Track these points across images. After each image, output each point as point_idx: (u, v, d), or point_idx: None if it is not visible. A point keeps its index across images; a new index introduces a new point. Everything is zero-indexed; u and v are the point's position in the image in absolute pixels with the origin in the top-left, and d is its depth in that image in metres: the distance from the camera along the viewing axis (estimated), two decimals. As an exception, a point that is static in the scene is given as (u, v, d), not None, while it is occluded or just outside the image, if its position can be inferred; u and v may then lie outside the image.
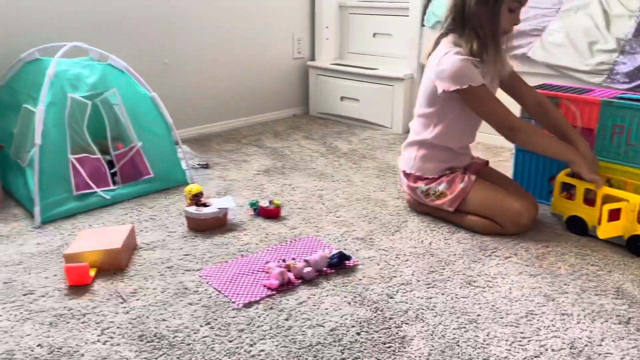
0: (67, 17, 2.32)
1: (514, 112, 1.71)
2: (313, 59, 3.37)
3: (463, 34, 1.67)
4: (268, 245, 1.65)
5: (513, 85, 1.81)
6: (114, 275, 1.47)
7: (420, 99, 1.79)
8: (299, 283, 1.43)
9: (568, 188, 1.71)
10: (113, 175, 1.97)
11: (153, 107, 2.06)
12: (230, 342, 1.20)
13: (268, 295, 1.37)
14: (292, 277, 1.43)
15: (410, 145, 1.83)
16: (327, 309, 1.32)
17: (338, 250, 1.53)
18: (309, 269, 1.44)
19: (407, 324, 1.26)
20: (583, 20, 2.27)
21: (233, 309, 1.32)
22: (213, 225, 1.74)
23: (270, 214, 1.84)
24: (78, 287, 1.41)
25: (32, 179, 1.78)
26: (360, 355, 1.15)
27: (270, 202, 1.84)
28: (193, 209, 1.74)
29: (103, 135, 1.97)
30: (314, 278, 1.45)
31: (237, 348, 1.17)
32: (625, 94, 1.80)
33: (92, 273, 1.45)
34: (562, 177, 1.72)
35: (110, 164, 1.97)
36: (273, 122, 3.19)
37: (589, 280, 1.45)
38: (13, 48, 2.14)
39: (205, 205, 1.76)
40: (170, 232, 1.74)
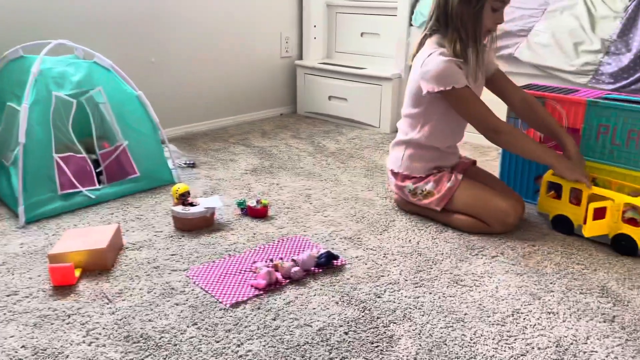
0: (51, 14, 2.29)
1: (502, 111, 1.71)
2: (301, 58, 3.37)
3: (447, 35, 1.68)
4: (255, 245, 1.64)
5: (499, 85, 1.82)
6: (100, 276, 1.46)
7: (407, 100, 1.80)
8: (287, 283, 1.43)
9: (556, 187, 1.73)
10: (99, 175, 1.95)
11: (139, 105, 2.04)
12: (218, 342, 1.19)
13: (255, 295, 1.37)
14: (279, 276, 1.43)
15: (398, 145, 1.84)
16: (314, 309, 1.31)
17: (326, 250, 1.53)
18: (297, 269, 1.44)
19: (394, 324, 1.26)
20: (569, 21, 2.29)
21: (220, 309, 1.31)
22: (200, 225, 1.73)
23: (258, 214, 1.83)
24: (63, 287, 1.39)
25: (16, 178, 1.76)
26: (348, 355, 1.15)
27: (258, 201, 1.84)
28: (180, 209, 1.72)
29: (88, 134, 1.95)
30: (302, 278, 1.45)
31: (224, 348, 1.17)
32: (611, 94, 1.82)
33: (77, 273, 1.43)
34: (548, 176, 1.73)
35: (96, 163, 1.95)
36: (260, 121, 3.18)
37: (575, 279, 1.46)
38: (-4, 45, 2.11)
39: (192, 205, 1.75)
40: (157, 231, 1.72)
